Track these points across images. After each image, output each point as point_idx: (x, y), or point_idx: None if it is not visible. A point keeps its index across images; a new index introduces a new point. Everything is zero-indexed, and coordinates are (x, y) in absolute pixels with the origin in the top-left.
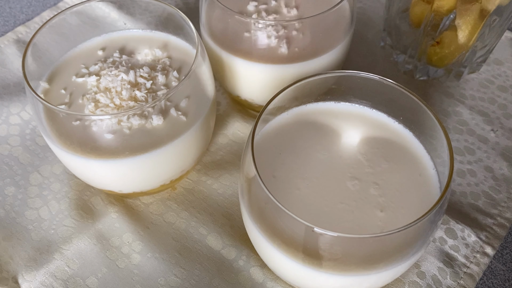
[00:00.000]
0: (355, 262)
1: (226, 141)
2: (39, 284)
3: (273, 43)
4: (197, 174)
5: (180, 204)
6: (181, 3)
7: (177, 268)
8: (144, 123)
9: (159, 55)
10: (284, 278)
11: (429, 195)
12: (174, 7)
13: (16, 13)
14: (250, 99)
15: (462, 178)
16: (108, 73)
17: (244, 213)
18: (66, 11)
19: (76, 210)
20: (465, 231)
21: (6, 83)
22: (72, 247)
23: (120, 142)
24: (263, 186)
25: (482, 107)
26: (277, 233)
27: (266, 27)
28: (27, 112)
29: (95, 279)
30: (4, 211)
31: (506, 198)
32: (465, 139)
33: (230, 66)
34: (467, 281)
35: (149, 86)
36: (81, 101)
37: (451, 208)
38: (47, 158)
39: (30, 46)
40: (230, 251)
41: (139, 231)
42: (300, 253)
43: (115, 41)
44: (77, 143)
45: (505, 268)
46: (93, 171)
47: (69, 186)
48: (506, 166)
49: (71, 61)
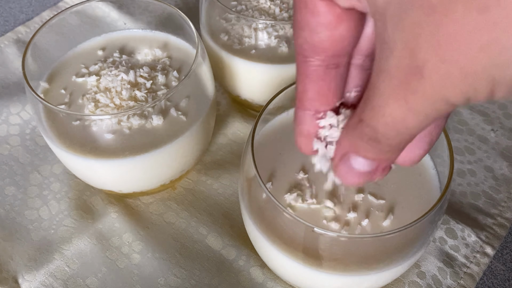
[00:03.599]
0: (355, 262)
1: (226, 141)
2: (39, 284)
3: (273, 43)
4: (197, 174)
5: (180, 204)
6: (181, 3)
7: (177, 268)
8: (144, 123)
9: (159, 55)
10: (284, 278)
11: (429, 195)
12: (174, 7)
13: (16, 13)
14: (250, 99)
15: (462, 178)
16: (108, 73)
17: (244, 213)
18: (66, 11)
19: (76, 210)
20: (465, 231)
21: (6, 83)
22: (72, 247)
23: (120, 142)
24: (263, 186)
25: (482, 107)
26: (277, 233)
27: (266, 27)
28: (27, 112)
29: (95, 279)
30: (4, 211)
31: (506, 198)
32: (465, 139)
33: (230, 66)
34: (467, 281)
35: (149, 86)
36: (81, 101)
37: (451, 208)
38: (47, 158)
39: (30, 46)
40: (230, 251)
41: (139, 231)
42: (300, 253)
43: (115, 41)
44: (77, 143)
45: (505, 268)
46: (93, 171)
47: (69, 186)
48: (506, 166)
49: (71, 61)
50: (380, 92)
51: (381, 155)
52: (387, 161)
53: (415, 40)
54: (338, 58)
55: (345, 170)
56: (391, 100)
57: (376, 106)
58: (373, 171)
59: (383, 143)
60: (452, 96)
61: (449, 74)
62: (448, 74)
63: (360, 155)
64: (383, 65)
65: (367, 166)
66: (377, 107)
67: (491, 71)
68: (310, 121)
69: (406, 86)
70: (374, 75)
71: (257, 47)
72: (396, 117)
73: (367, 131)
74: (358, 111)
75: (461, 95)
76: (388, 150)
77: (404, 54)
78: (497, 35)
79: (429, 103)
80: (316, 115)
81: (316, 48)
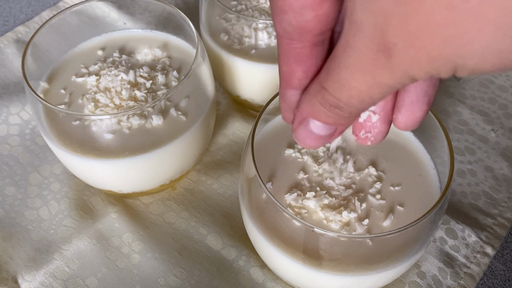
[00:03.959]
0: (355, 262)
1: (226, 141)
2: (39, 284)
3: (273, 43)
4: (197, 174)
5: (180, 204)
6: (181, 3)
7: (177, 268)
8: (144, 123)
9: (159, 55)
10: (284, 278)
11: (429, 195)
12: (174, 6)
13: (15, 13)
14: (250, 99)
15: (462, 178)
16: (108, 73)
17: (244, 213)
18: (66, 11)
19: (76, 210)
20: (466, 231)
21: (6, 83)
22: (72, 247)
23: (120, 142)
24: (263, 186)
25: (482, 107)
26: (277, 233)
27: (266, 27)
28: (26, 112)
29: (95, 279)
30: (4, 211)
31: (507, 198)
32: (465, 139)
33: (230, 66)
34: (468, 281)
35: (149, 86)
36: (80, 101)
37: (452, 208)
38: (46, 158)
39: (30, 46)
40: (230, 251)
41: (139, 231)
42: (300, 253)
43: (114, 41)
44: (76, 143)
45: (505, 268)
46: (93, 171)
47: (68, 186)
48: (506, 166)
49: (71, 61)
50: (346, 66)
51: (341, 121)
52: (345, 125)
53: (384, 25)
54: (323, 35)
55: (304, 134)
56: (358, 74)
57: (342, 79)
58: (330, 135)
59: (344, 110)
60: (417, 75)
61: (416, 57)
62: (415, 57)
63: (320, 120)
64: (351, 42)
65: (326, 130)
66: (343, 80)
67: (455, 59)
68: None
69: (374, 62)
70: (340, 49)
71: (257, 47)
72: (361, 89)
73: (329, 98)
74: (320, 79)
75: (425, 74)
76: (348, 116)
77: (374, 35)
78: (462, 30)
79: (395, 78)
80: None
81: (302, 30)
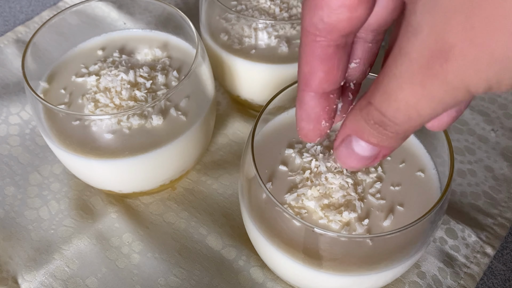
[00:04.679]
0: (355, 262)
1: (226, 141)
2: (39, 284)
3: (273, 43)
4: (197, 174)
5: (180, 204)
6: (181, 3)
7: (177, 268)
8: (144, 123)
9: (159, 55)
10: (284, 278)
11: (429, 195)
12: (174, 6)
13: (15, 13)
14: (250, 99)
15: (462, 178)
16: (108, 73)
17: (244, 213)
18: (66, 11)
19: (76, 210)
20: (466, 231)
21: (5, 83)
22: (71, 247)
23: (120, 142)
24: (263, 186)
25: (482, 107)
26: (277, 233)
27: (266, 27)
28: (26, 112)
29: (95, 279)
30: (4, 211)
31: (507, 198)
32: (465, 139)
33: (230, 66)
34: (468, 281)
35: (149, 86)
36: (80, 101)
37: (452, 208)
38: (46, 158)
39: (30, 46)
40: (230, 251)
41: (139, 231)
42: (300, 253)
43: (114, 41)
44: (76, 143)
45: (505, 268)
46: (93, 171)
47: (68, 186)
48: (506, 166)
49: (71, 61)
50: (396, 76)
51: (385, 141)
52: (389, 149)
53: (444, 24)
54: (349, 37)
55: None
56: (407, 84)
57: (389, 90)
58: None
59: (389, 128)
60: (474, 84)
61: (476, 59)
62: (475, 59)
63: (364, 139)
64: (404, 49)
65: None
66: (390, 91)
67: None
68: (318, 102)
69: (426, 70)
70: (391, 59)
71: (257, 47)
72: (409, 102)
73: (374, 114)
74: (367, 94)
75: (483, 82)
76: (392, 136)
77: (429, 38)
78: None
79: (447, 90)
80: (323, 97)
81: (333, 28)
